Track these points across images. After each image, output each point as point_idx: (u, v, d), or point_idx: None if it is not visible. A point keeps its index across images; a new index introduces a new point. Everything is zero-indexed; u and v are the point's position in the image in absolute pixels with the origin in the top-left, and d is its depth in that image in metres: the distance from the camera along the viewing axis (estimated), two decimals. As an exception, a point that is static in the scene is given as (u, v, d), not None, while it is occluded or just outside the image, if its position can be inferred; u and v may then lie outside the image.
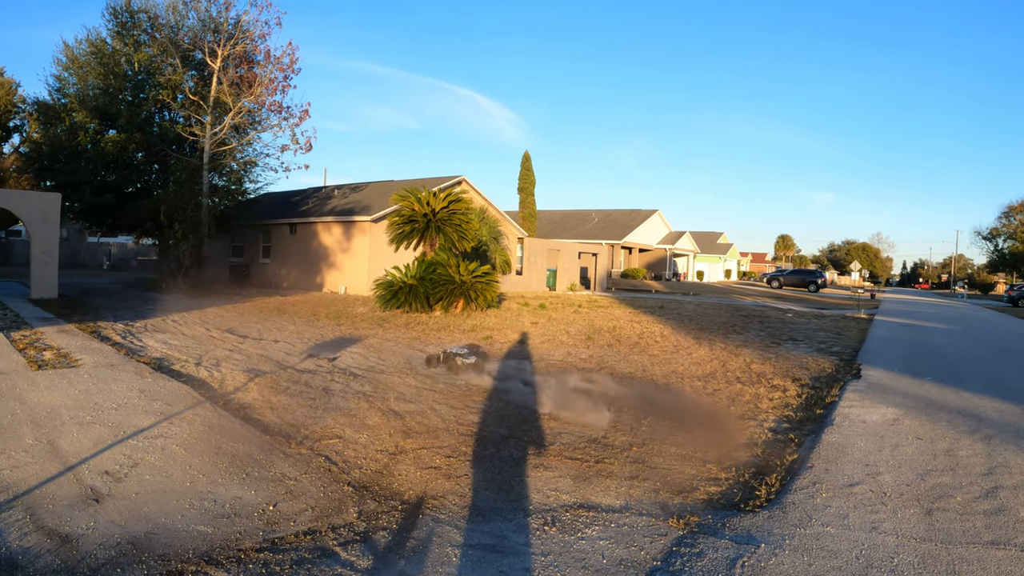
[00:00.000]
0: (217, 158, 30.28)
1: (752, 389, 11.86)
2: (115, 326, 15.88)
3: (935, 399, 11.41)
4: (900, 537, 5.45)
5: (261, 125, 32.29)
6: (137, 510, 5.45)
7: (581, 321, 20.78)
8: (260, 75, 30.03)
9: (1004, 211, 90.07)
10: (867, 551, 5.17)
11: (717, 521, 5.81)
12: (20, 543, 4.79)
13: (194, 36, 30.08)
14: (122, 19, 30.65)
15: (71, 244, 56.91)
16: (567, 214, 72.34)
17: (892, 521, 5.79)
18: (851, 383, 12.61)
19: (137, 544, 4.87)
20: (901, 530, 5.59)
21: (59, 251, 23.27)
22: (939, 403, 11.06)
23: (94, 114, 30.36)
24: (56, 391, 9.13)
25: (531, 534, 5.48)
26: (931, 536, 5.50)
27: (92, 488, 5.84)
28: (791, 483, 6.78)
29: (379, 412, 9.25)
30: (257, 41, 30.56)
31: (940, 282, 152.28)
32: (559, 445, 8.14)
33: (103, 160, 30.91)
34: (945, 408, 10.65)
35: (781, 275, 70.62)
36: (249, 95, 29.55)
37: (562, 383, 11.85)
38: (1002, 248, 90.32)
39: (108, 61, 30.32)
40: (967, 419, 9.91)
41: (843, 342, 19.49)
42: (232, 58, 29.65)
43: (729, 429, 9.19)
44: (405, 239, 23.93)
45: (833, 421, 9.46)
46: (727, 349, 16.40)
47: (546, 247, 40.17)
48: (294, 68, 30.69)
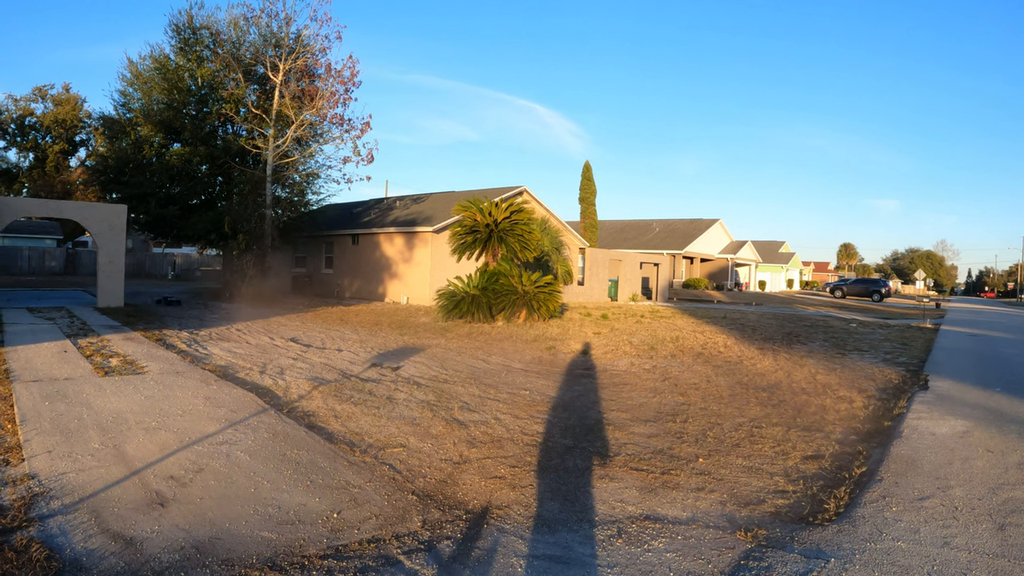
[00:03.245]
0: (280, 170, 30.69)
1: (818, 400, 11.68)
2: (180, 334, 16.20)
3: (1005, 411, 11.12)
4: (972, 553, 5.31)
5: (323, 137, 32.67)
6: (202, 515, 5.55)
7: (643, 331, 20.65)
8: (321, 88, 30.38)
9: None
10: (939, 567, 5.04)
11: (785, 534, 5.73)
12: (85, 545, 4.91)
13: (255, 51, 30.56)
14: (185, 35, 31.21)
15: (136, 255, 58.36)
16: (628, 224, 72.12)
17: (964, 536, 5.64)
18: (918, 394, 12.34)
19: (201, 548, 4.96)
20: (973, 545, 5.45)
21: (124, 261, 23.81)
22: (1009, 415, 10.77)
23: (159, 128, 30.97)
24: (122, 397, 9.36)
25: (597, 545, 5.45)
26: (1004, 552, 5.34)
27: (157, 492, 5.96)
28: (860, 496, 6.65)
29: (443, 421, 9.30)
30: (318, 55, 30.98)
31: (1007, 291, 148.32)
32: (624, 456, 8.10)
33: (168, 173, 31.49)
34: (1016, 420, 10.36)
35: (844, 284, 69.42)
36: (311, 108, 29.91)
37: (626, 393, 11.80)
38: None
39: (172, 76, 30.88)
40: (1039, 431, 9.66)
41: (909, 352, 19.10)
42: (293, 72, 30.04)
43: (796, 441, 9.04)
44: (467, 249, 24.04)
45: (901, 433, 9.26)
46: (791, 359, 16.17)
47: (607, 257, 40.05)
48: (355, 81, 31.00)
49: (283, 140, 30.00)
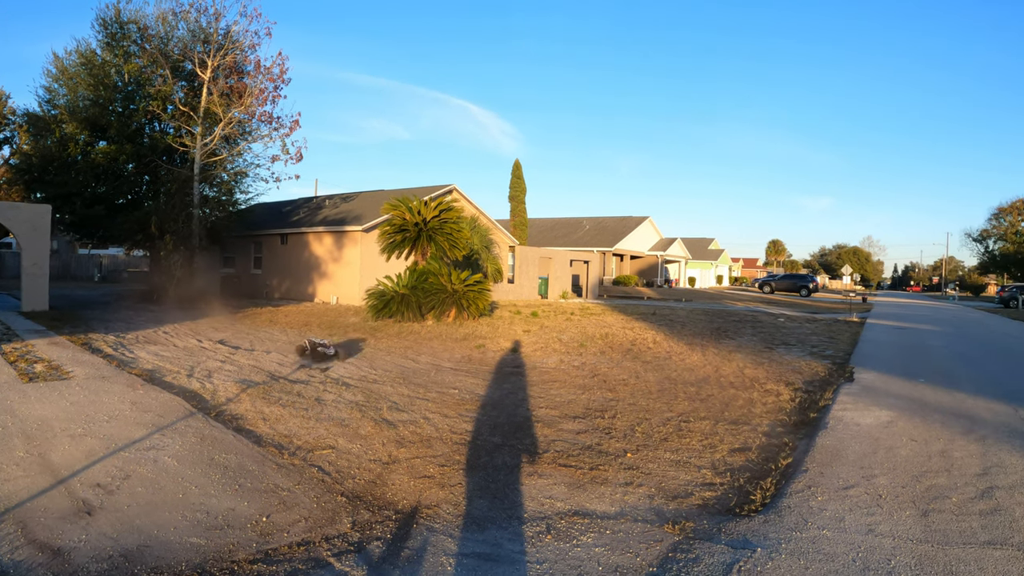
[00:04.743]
0: (208, 169, 30.14)
1: (745, 394, 11.89)
2: (106, 338, 15.83)
3: (929, 401, 11.45)
4: (896, 539, 5.47)
5: (251, 136, 32.14)
6: (129, 522, 5.44)
7: (573, 328, 20.77)
8: (250, 85, 29.89)
9: (994, 213, 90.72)
10: (864, 553, 5.19)
11: (713, 526, 5.82)
12: (11, 556, 4.78)
13: (184, 46, 29.92)
14: (112, 30, 30.37)
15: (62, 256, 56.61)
16: (558, 222, 72.47)
17: (888, 523, 5.81)
18: (844, 386, 12.66)
19: (129, 557, 4.86)
20: (897, 532, 5.61)
21: (50, 263, 23.20)
22: (933, 405, 11.10)
23: (84, 125, 30.12)
24: (47, 403, 9.11)
25: (526, 542, 5.48)
26: (928, 537, 5.52)
27: (84, 500, 5.82)
28: (786, 487, 6.80)
29: (372, 422, 9.25)
30: (247, 51, 30.44)
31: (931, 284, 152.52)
32: (553, 452, 8.15)
33: (93, 171, 30.63)
34: (939, 410, 10.70)
35: (773, 280, 70.66)
36: (239, 105, 29.44)
37: (555, 391, 11.86)
38: (992, 250, 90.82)
39: (98, 72, 30.04)
40: (961, 420, 9.97)
41: (836, 346, 19.55)
42: (222, 68, 29.50)
43: (724, 434, 9.19)
44: (396, 248, 23.93)
45: (827, 424, 9.51)
46: (720, 354, 16.44)
47: (538, 255, 40.17)
48: (284, 78, 30.62)
49: (211, 138, 29.47)
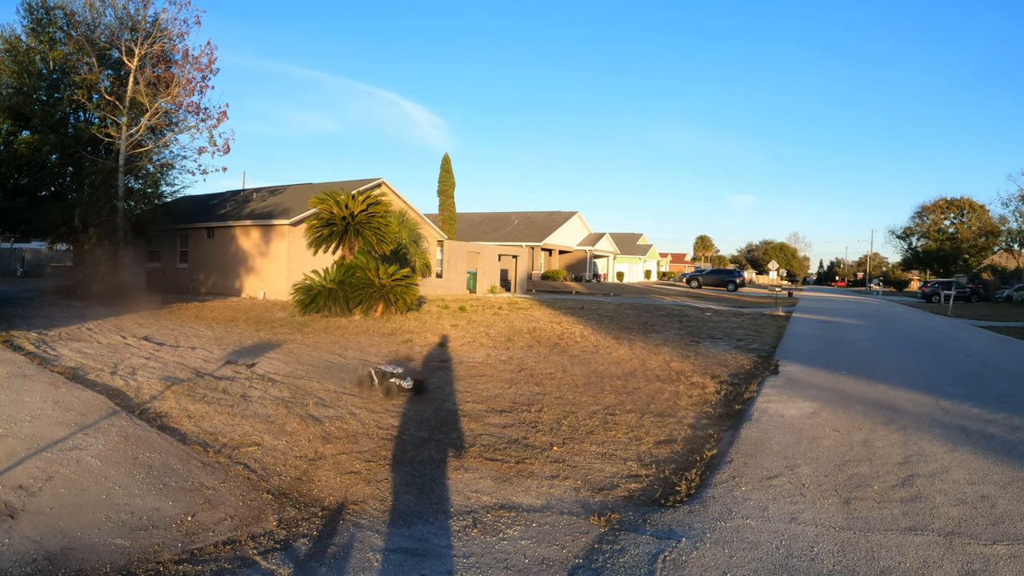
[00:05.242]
0: (133, 160, 29.44)
1: (671, 387, 12.03)
2: (28, 335, 15.35)
3: (851, 392, 11.72)
4: (819, 527, 5.58)
5: (178, 127, 31.38)
6: (53, 525, 5.29)
7: (501, 323, 20.80)
8: (178, 75, 29.25)
9: (917, 211, 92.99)
10: (787, 541, 5.28)
11: (638, 517, 5.87)
12: (-74, 562, 4.63)
13: (111, 34, 29.14)
14: (38, 15, 29.40)
15: (-19, 251, 54.87)
16: (487, 216, 72.46)
17: (811, 511, 5.92)
18: (769, 379, 12.89)
19: (53, 560, 4.74)
20: (820, 520, 5.73)
21: (-31, 259, 22.51)
22: (855, 396, 11.37)
23: (7, 114, 29.07)
24: (-37, 404, 8.82)
25: (453, 536, 5.47)
26: (850, 525, 5.64)
27: (6, 503, 5.63)
28: (711, 478, 6.90)
29: (298, 418, 9.14)
30: (175, 40, 29.74)
31: (856, 280, 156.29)
32: (479, 447, 8.14)
33: (16, 162, 29.62)
34: (861, 400, 10.96)
35: (700, 275, 71.84)
36: (166, 95, 28.81)
37: (482, 385, 11.85)
38: (916, 247, 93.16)
39: (22, 59, 29.06)
40: (883, 410, 10.23)
41: (761, 339, 19.90)
42: (149, 57, 28.84)
43: (649, 427, 9.28)
44: (324, 242, 23.68)
45: (751, 416, 9.68)
46: (647, 348, 16.60)
47: (466, 250, 40.13)
48: (212, 68, 30.01)
49: (137, 129, 28.74)
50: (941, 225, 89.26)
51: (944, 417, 10.00)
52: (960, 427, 9.39)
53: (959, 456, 7.91)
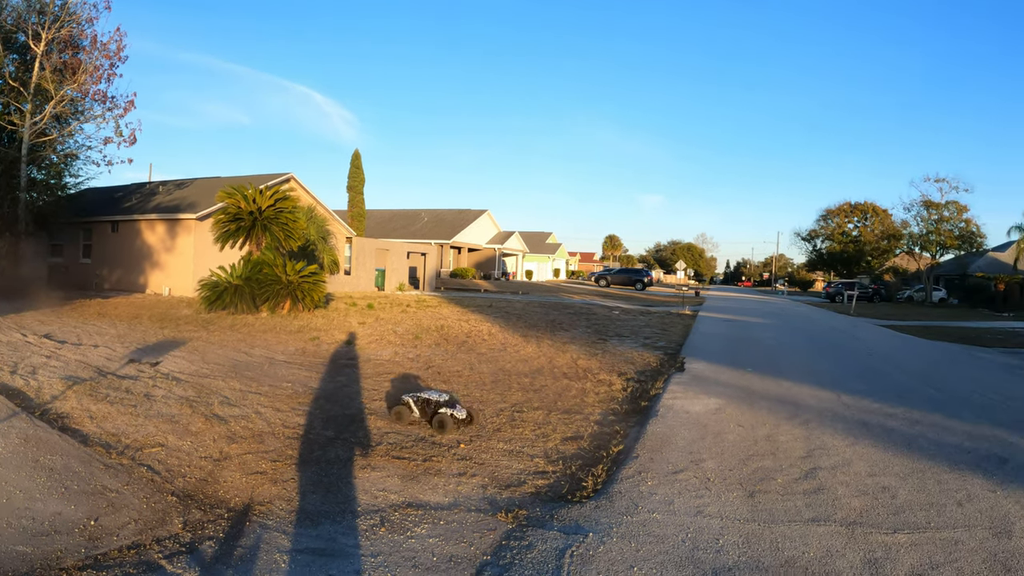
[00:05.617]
0: (37, 150, 28.46)
1: (579, 384, 12.11)
2: (-83, 334, 14.75)
3: (756, 388, 11.97)
4: (724, 519, 5.67)
5: (84, 115, 30.45)
6: None
7: (409, 321, 20.69)
8: (85, 62, 28.39)
9: (822, 214, 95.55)
10: (693, 534, 5.34)
11: (545, 513, 5.87)
12: None
13: (18, 16, 28.07)
14: None
15: None
16: (397, 213, 72.01)
17: (716, 505, 6.02)
18: (675, 376, 13.09)
19: None
20: (725, 513, 5.82)
21: None
22: (760, 392, 11.62)
23: None
24: None
25: (360, 536, 5.40)
26: (754, 517, 5.75)
27: None
28: (617, 473, 6.95)
29: (203, 418, 8.92)
30: (84, 25, 28.86)
31: (762, 280, 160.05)
32: (386, 445, 8.07)
33: None
34: (765, 397, 11.21)
35: (608, 274, 72.62)
36: (72, 83, 27.93)
37: (388, 383, 11.77)
38: (820, 248, 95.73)
39: None
40: (786, 406, 10.48)
41: (668, 337, 20.21)
42: (56, 42, 27.91)
43: (556, 423, 9.33)
44: (231, 238, 23.24)
45: (657, 412, 9.79)
46: (554, 346, 16.70)
47: (375, 247, 39.86)
48: (121, 56, 29.23)
49: (41, 117, 27.78)
50: (845, 228, 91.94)
51: (846, 412, 10.28)
52: (861, 421, 9.67)
53: (860, 449, 8.14)
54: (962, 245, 69.21)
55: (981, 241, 69.14)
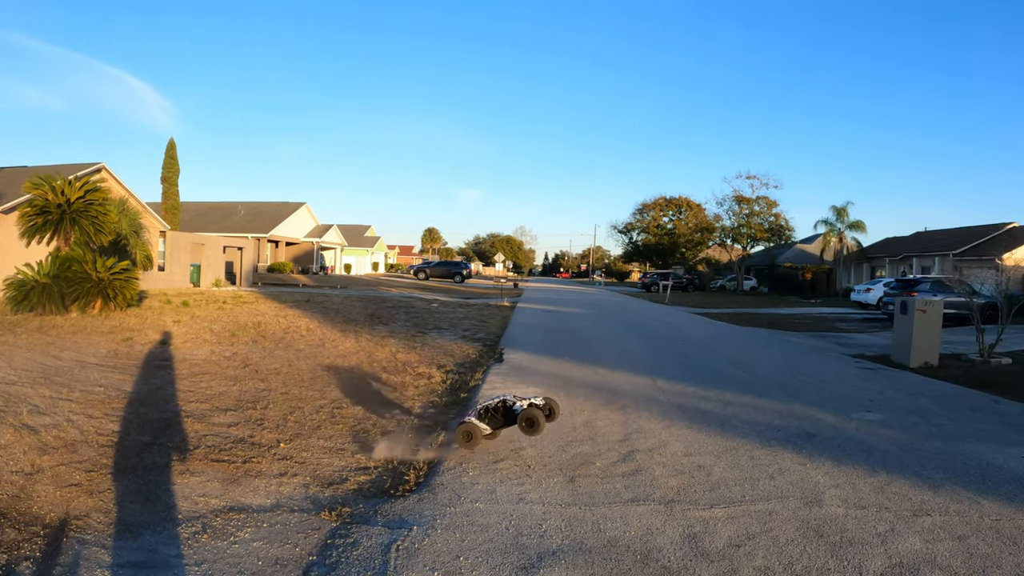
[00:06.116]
0: None
1: (398, 378, 12.13)
2: None
3: (574, 377, 12.30)
4: (546, 505, 5.83)
5: None
6: None
7: (225, 318, 20.16)
8: None
9: (639, 208, 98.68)
10: (516, 521, 5.47)
11: (369, 509, 5.87)
12: None
13: None
14: None
15: None
16: (213, 206, 69.79)
17: (538, 491, 6.17)
18: (494, 367, 13.33)
19: None
20: (547, 498, 5.98)
21: None
22: (578, 380, 11.96)
23: None
24: None
25: (182, 544, 5.24)
26: (576, 500, 5.93)
27: None
28: (439, 465, 7.02)
29: (11, 429, 8.39)
30: None
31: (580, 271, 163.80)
32: (205, 448, 7.86)
33: None
34: (583, 384, 11.55)
35: (428, 267, 72.72)
36: None
37: (206, 383, 11.45)
38: (636, 240, 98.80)
39: None
40: (603, 393, 10.85)
41: (487, 329, 20.50)
42: None
43: (376, 418, 9.32)
44: (38, 232, 21.83)
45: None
46: (373, 340, 16.64)
47: (190, 241, 38.53)
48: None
49: None
50: (660, 221, 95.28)
51: (661, 396, 10.74)
52: (676, 405, 10.12)
53: (676, 431, 8.55)
54: (772, 237, 73.52)
55: (790, 234, 73.64)
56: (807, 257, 75.59)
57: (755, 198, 71.84)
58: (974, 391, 12.58)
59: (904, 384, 13.01)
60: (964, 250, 49.30)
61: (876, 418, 9.80)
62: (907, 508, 6.01)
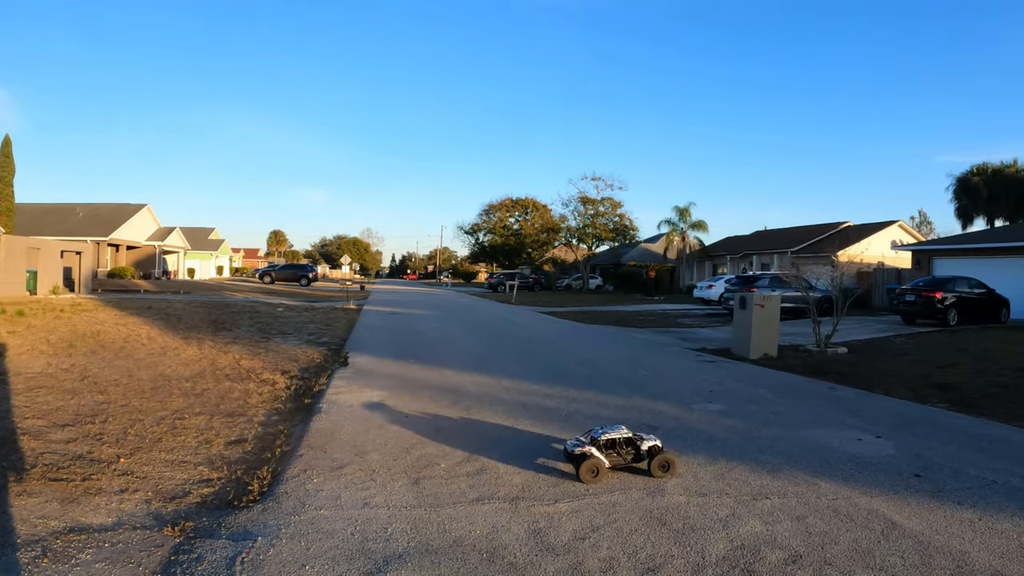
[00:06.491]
0: None
1: (242, 385, 11.86)
2: None
3: (419, 378, 12.33)
4: (392, 508, 5.81)
5: None
6: None
7: (63, 328, 19.23)
8: None
9: (485, 209, 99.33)
10: (362, 526, 5.43)
11: (213, 522, 5.72)
12: None
13: None
14: None
15: None
16: (51, 208, 66.36)
17: (383, 495, 6.15)
18: (339, 371, 13.22)
19: None
20: (392, 502, 5.97)
21: None
22: (423, 382, 11.99)
23: None
24: None
25: (23, 570, 4.96)
26: (421, 502, 5.95)
27: None
28: (283, 473, 6.90)
29: None
30: None
31: (427, 273, 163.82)
32: (42, 467, 7.47)
33: None
34: (428, 386, 11.58)
35: (273, 270, 71.42)
36: None
37: (42, 398, 10.92)
38: (483, 241, 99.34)
39: None
40: (448, 393, 10.92)
41: (332, 332, 20.29)
42: None
43: (220, 428, 9.08)
44: None
45: (321, 409, 9.87)
46: (216, 347, 16.22)
47: (26, 245, 36.48)
48: None
49: None
50: (507, 222, 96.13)
51: (506, 395, 10.89)
52: (521, 403, 10.29)
53: (521, 429, 8.64)
54: (617, 237, 75.59)
55: (634, 234, 75.83)
56: (652, 256, 77.91)
57: (600, 199, 73.75)
58: (811, 379, 13.28)
59: (744, 375, 13.59)
60: (802, 247, 51.94)
61: (716, 408, 10.22)
62: (747, 493, 6.33)
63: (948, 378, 13.53)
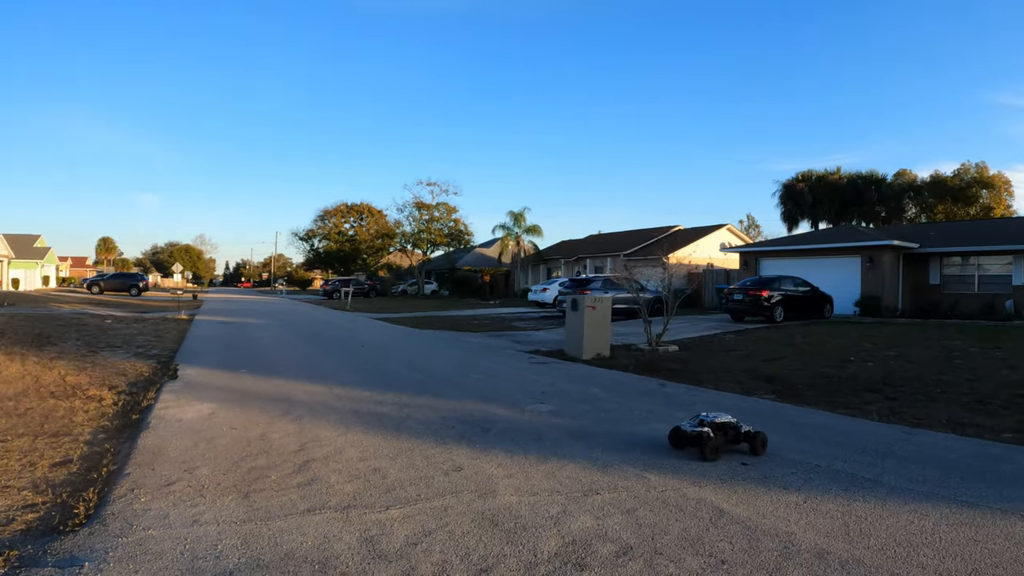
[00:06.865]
0: None
1: (67, 403, 11.34)
2: None
3: (250, 389, 12.14)
4: (221, 524, 5.71)
5: None
6: None
7: None
8: None
9: (320, 214, 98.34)
10: (191, 544, 5.32)
11: (38, 550, 5.49)
12: None
13: None
14: None
15: None
16: None
17: (213, 511, 6.03)
18: (168, 384, 12.84)
19: None
20: (222, 517, 5.86)
21: None
22: (254, 392, 11.81)
23: None
24: None
25: None
26: (251, 517, 5.87)
27: None
28: (109, 494, 6.65)
29: None
30: None
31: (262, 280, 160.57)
32: None
33: None
34: (260, 397, 11.42)
35: (102, 280, 68.49)
36: None
37: None
38: (318, 247, 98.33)
39: None
40: (280, 404, 10.79)
41: (162, 344, 19.68)
42: None
43: (44, 449, 8.70)
44: None
45: (149, 424, 9.55)
46: (41, 363, 15.45)
47: None
48: None
49: None
50: (342, 228, 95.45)
51: (338, 403, 10.85)
52: (353, 410, 10.28)
53: (352, 437, 8.68)
54: (452, 242, 76.27)
55: (469, 238, 76.77)
56: (487, 260, 78.81)
57: (435, 204, 74.31)
58: (643, 377, 13.79)
59: (576, 375, 13.98)
60: (634, 250, 53.62)
61: (548, 408, 10.50)
62: (578, 490, 6.54)
63: (775, 371, 14.36)
